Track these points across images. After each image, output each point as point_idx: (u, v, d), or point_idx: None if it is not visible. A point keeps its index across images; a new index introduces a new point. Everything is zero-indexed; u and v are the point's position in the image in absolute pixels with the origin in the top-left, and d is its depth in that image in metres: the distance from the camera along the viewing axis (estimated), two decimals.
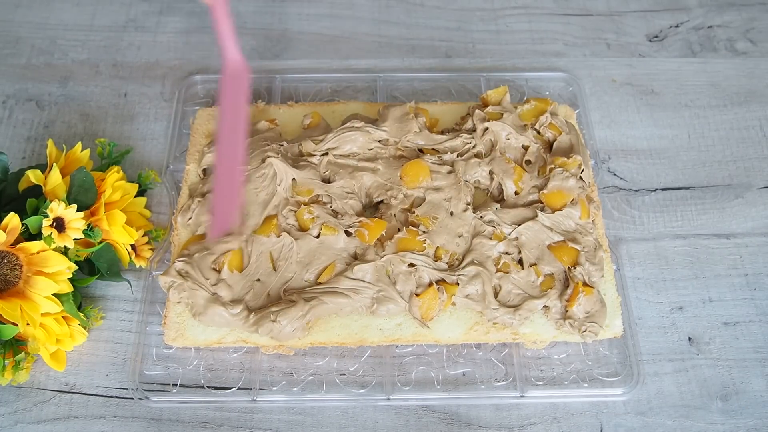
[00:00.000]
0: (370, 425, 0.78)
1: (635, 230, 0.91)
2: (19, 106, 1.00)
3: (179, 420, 0.78)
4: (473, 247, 0.81)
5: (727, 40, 1.08)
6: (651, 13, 1.11)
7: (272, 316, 0.76)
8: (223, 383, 0.80)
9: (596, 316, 0.78)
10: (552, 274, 0.80)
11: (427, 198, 0.83)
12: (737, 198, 0.94)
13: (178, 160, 0.93)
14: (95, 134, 0.98)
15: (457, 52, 1.07)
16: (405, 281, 0.78)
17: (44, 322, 0.77)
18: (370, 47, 1.07)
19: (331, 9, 1.12)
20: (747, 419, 0.79)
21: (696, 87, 1.03)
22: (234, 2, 1.11)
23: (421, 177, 0.84)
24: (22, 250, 0.76)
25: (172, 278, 0.79)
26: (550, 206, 0.83)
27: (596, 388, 0.79)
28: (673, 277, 0.88)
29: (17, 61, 1.05)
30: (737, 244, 0.90)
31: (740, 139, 0.99)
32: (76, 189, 0.81)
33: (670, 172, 0.96)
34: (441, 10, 1.12)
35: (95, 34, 1.08)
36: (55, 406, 0.79)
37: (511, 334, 0.79)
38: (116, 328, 0.84)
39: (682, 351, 0.83)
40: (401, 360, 0.81)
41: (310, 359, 0.81)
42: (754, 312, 0.85)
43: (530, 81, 1.01)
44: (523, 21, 1.10)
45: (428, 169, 0.84)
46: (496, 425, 0.78)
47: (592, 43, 1.08)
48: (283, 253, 0.81)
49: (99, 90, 1.02)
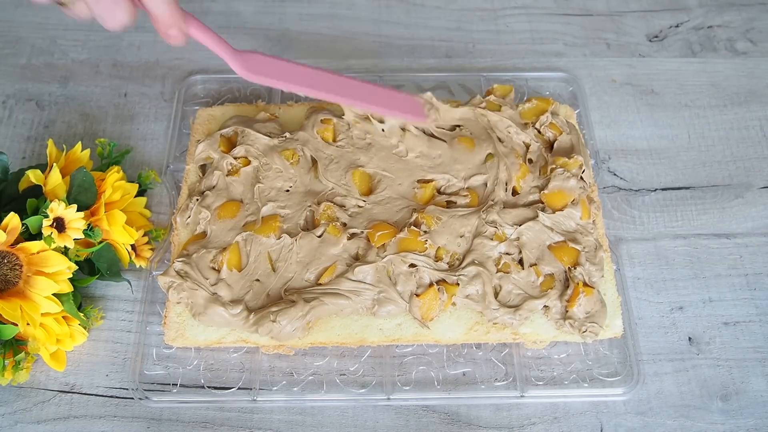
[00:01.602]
0: (370, 425, 0.78)
1: (635, 230, 0.91)
2: (19, 106, 1.00)
3: (179, 420, 0.78)
4: (474, 248, 0.81)
5: (727, 40, 1.08)
6: (651, 13, 1.11)
7: (272, 316, 0.76)
8: (223, 383, 0.80)
9: (596, 316, 0.78)
10: (552, 274, 0.80)
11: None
12: (737, 198, 0.94)
13: (178, 160, 0.93)
14: (95, 134, 0.98)
15: (457, 52, 1.07)
16: (405, 282, 0.78)
17: (44, 322, 0.77)
18: (370, 47, 1.07)
19: (331, 9, 1.12)
20: (747, 419, 0.79)
21: (696, 87, 1.03)
22: (234, 2, 1.12)
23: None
24: (22, 250, 0.76)
25: (171, 278, 0.79)
26: (551, 206, 0.83)
27: (596, 388, 0.79)
28: (673, 277, 0.88)
29: (17, 61, 1.05)
30: (737, 244, 0.90)
31: (740, 139, 0.99)
32: (76, 189, 0.81)
33: (670, 172, 0.96)
34: (441, 10, 1.12)
35: (95, 34, 1.08)
36: (55, 406, 0.79)
37: (512, 334, 0.79)
38: (116, 328, 0.84)
39: (682, 351, 0.83)
40: (401, 360, 0.81)
41: (310, 359, 0.81)
42: (754, 312, 0.86)
43: (530, 81, 1.01)
44: (523, 21, 1.10)
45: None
46: (496, 425, 0.78)
47: (592, 43, 1.08)
48: (282, 254, 0.81)
49: (99, 90, 1.02)
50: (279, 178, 0.86)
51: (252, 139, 0.87)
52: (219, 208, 0.83)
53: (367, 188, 0.86)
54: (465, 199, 0.84)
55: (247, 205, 0.84)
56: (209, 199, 0.84)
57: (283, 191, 0.85)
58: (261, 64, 0.78)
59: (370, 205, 0.84)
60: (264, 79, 0.78)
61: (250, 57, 0.78)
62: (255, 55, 0.78)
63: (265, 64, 0.78)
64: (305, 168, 0.87)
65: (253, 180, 0.85)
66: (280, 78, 0.78)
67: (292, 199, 0.85)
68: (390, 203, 0.84)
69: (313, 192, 0.85)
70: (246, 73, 0.77)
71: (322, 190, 0.85)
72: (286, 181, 0.86)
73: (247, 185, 0.85)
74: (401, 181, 0.86)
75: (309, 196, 0.85)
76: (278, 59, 0.79)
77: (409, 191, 0.85)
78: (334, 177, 0.86)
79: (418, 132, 0.88)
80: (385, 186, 0.85)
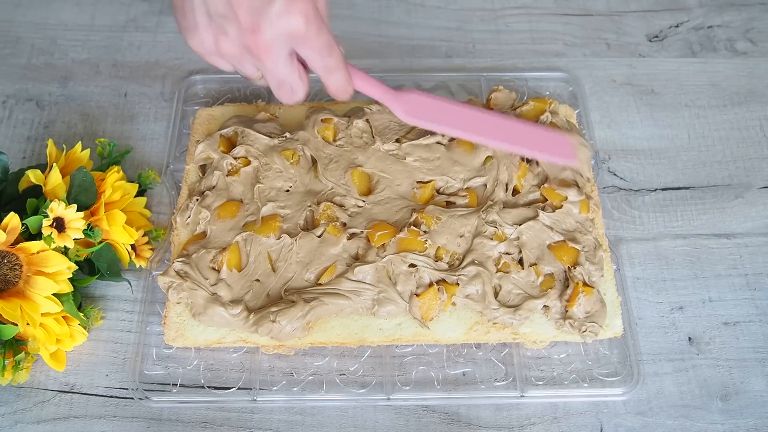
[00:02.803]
0: (370, 425, 0.78)
1: (635, 230, 0.91)
2: (19, 106, 1.00)
3: (179, 420, 0.78)
4: (474, 247, 0.81)
5: (727, 40, 1.08)
6: (651, 13, 1.11)
7: (272, 317, 0.76)
8: (223, 383, 0.80)
9: (596, 316, 0.78)
10: (552, 274, 0.80)
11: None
12: (737, 198, 0.94)
13: (178, 160, 0.93)
14: (95, 134, 0.98)
15: (457, 52, 1.07)
16: (405, 281, 0.78)
17: (44, 322, 0.77)
18: (370, 47, 1.07)
19: (331, 9, 1.11)
20: (747, 419, 0.79)
21: (696, 87, 1.03)
22: None
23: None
24: (22, 250, 0.76)
25: (171, 278, 0.79)
26: (551, 199, 0.83)
27: (596, 388, 0.79)
28: (673, 277, 0.88)
29: (17, 61, 1.05)
30: (737, 244, 0.90)
31: (740, 139, 0.99)
32: (76, 189, 0.81)
33: (670, 172, 0.96)
34: (441, 10, 1.12)
35: (95, 34, 1.08)
36: (55, 406, 0.79)
37: (511, 334, 0.79)
38: (116, 328, 0.84)
39: (682, 351, 0.83)
40: (401, 360, 0.81)
41: (310, 359, 0.81)
42: (754, 312, 0.85)
43: (530, 81, 1.01)
44: (523, 21, 1.10)
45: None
46: (496, 425, 0.78)
47: (592, 43, 1.08)
48: (282, 254, 0.81)
49: (99, 90, 1.02)
50: (279, 178, 0.86)
51: (252, 139, 0.87)
52: (219, 208, 0.83)
53: (366, 188, 0.86)
54: (464, 200, 0.84)
55: (247, 205, 0.84)
56: (209, 199, 0.84)
57: (283, 191, 0.85)
58: (419, 105, 0.81)
59: (370, 205, 0.84)
60: (423, 122, 0.81)
61: (410, 98, 0.80)
62: (414, 96, 0.81)
63: (423, 105, 0.81)
64: (305, 168, 0.87)
65: (253, 180, 0.85)
66: (436, 120, 0.81)
67: (292, 199, 0.85)
68: (389, 203, 0.84)
69: (313, 192, 0.85)
70: (408, 117, 0.80)
71: (322, 189, 0.85)
72: (286, 181, 0.86)
73: (247, 185, 0.85)
74: (400, 181, 0.86)
75: (309, 196, 0.85)
76: (434, 98, 0.82)
77: (409, 191, 0.85)
78: (334, 177, 0.86)
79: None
80: (384, 186, 0.85)
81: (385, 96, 0.79)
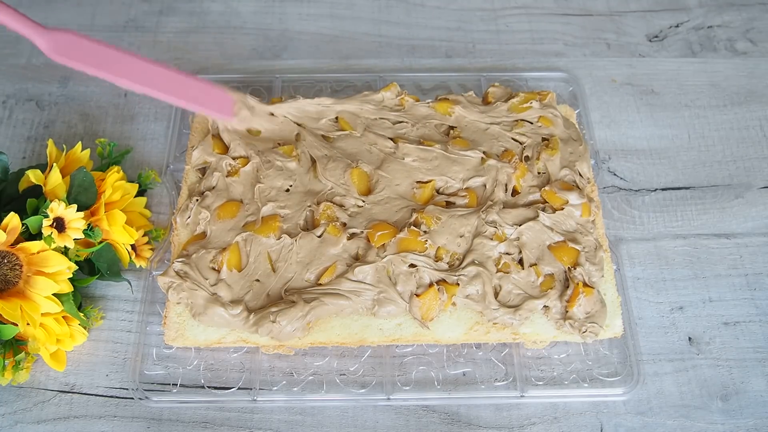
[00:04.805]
0: (370, 425, 0.78)
1: (635, 230, 0.91)
2: (19, 106, 1.00)
3: (179, 420, 0.78)
4: (474, 248, 0.81)
5: (727, 40, 1.08)
6: (651, 13, 1.11)
7: (272, 317, 0.76)
8: (223, 383, 0.80)
9: (596, 317, 0.78)
10: (552, 274, 0.80)
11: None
12: (737, 198, 0.94)
13: (178, 160, 0.93)
14: (95, 134, 0.98)
15: (457, 52, 1.07)
16: (405, 282, 0.78)
17: (44, 322, 0.77)
18: (370, 47, 1.07)
19: (331, 9, 1.12)
20: (747, 419, 0.79)
21: (696, 87, 1.03)
22: (234, 2, 1.12)
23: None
24: (22, 250, 0.76)
25: (171, 279, 0.79)
26: (551, 202, 0.83)
27: (596, 388, 0.79)
28: (673, 277, 0.88)
29: (17, 61, 1.05)
30: (737, 244, 0.90)
31: (740, 139, 0.99)
32: (76, 189, 0.81)
33: (670, 172, 0.96)
34: (441, 10, 1.12)
35: (95, 34, 1.07)
36: (55, 406, 0.79)
37: (511, 334, 0.79)
38: (116, 328, 0.84)
39: (682, 351, 0.83)
40: (401, 360, 0.81)
41: (310, 359, 0.81)
42: (754, 312, 0.86)
43: (530, 81, 1.01)
44: (523, 21, 1.10)
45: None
46: (496, 425, 0.78)
47: (592, 43, 1.08)
48: (282, 254, 0.81)
49: (99, 90, 1.02)
50: (279, 176, 0.86)
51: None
52: (219, 208, 0.83)
53: (365, 188, 0.86)
54: (464, 200, 0.84)
55: (247, 205, 0.84)
56: (209, 199, 0.84)
57: (283, 191, 0.85)
58: (72, 46, 0.76)
59: (370, 204, 0.84)
60: (73, 62, 0.76)
61: (61, 37, 0.76)
62: (67, 35, 0.76)
63: (76, 46, 0.76)
64: (305, 167, 0.87)
65: (252, 180, 0.85)
66: (90, 63, 0.77)
67: (292, 199, 0.85)
68: (389, 203, 0.84)
69: (312, 192, 0.85)
70: (54, 55, 0.75)
71: (322, 189, 0.85)
72: (286, 180, 0.86)
73: (246, 185, 0.85)
74: (399, 181, 0.86)
75: (309, 195, 0.85)
76: (92, 41, 0.77)
77: (408, 191, 0.85)
78: (333, 176, 0.86)
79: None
80: (384, 186, 0.85)
81: (28, 30, 0.74)
